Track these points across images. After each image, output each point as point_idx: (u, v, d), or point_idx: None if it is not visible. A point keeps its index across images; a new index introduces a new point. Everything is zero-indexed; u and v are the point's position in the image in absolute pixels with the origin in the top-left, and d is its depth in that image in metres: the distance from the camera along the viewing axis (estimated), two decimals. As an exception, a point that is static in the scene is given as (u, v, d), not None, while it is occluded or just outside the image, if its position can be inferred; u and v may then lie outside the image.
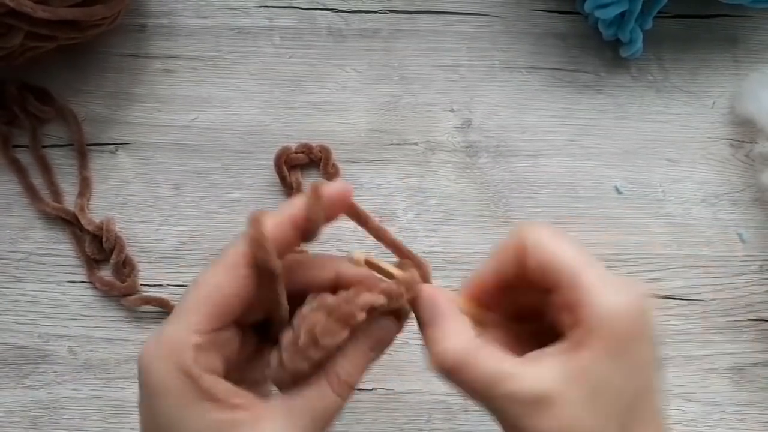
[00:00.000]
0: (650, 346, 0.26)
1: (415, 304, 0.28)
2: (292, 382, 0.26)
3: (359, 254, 0.27)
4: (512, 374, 0.25)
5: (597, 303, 0.25)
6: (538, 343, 0.27)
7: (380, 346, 0.27)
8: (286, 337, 0.25)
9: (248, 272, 0.25)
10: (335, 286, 0.28)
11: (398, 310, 0.28)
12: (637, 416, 0.26)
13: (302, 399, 0.26)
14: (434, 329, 0.27)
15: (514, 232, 0.28)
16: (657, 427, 0.26)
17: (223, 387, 0.26)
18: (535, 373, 0.25)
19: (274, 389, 0.28)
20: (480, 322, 0.29)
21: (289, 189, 0.44)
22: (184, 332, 0.25)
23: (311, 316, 0.25)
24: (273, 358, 0.26)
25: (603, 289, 0.25)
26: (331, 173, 0.45)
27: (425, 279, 0.29)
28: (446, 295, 0.28)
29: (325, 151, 0.45)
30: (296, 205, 0.26)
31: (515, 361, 0.26)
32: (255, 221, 0.25)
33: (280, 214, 0.26)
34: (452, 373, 0.26)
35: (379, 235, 0.29)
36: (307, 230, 0.26)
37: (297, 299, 0.27)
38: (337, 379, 0.26)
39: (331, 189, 0.26)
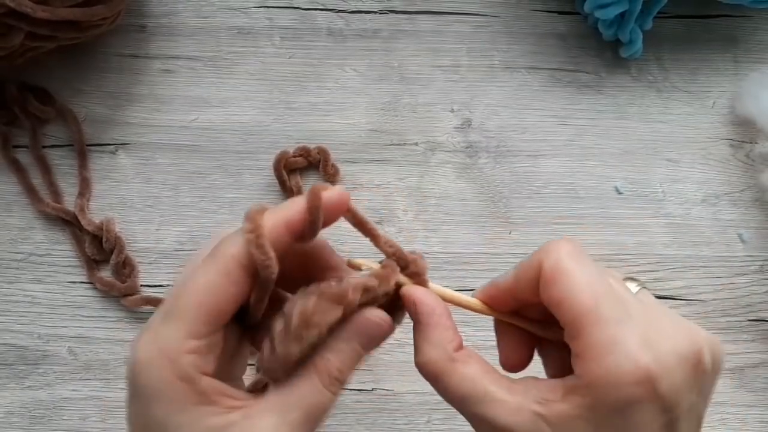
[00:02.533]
0: (653, 414, 0.24)
1: (407, 304, 0.28)
2: (284, 371, 0.26)
3: (356, 261, 0.27)
4: (492, 399, 0.26)
5: (594, 366, 0.24)
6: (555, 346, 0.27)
7: (371, 342, 0.27)
8: (278, 323, 0.25)
9: (243, 274, 0.25)
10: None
11: (392, 308, 0.28)
12: None
13: (293, 395, 0.26)
14: (419, 335, 0.28)
15: (536, 255, 0.27)
16: None
17: (219, 389, 0.25)
18: (514, 405, 0.25)
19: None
20: (496, 320, 0.29)
21: (289, 193, 0.44)
22: (181, 337, 0.25)
23: (304, 298, 0.25)
24: (265, 347, 0.26)
25: (606, 349, 0.24)
26: (330, 174, 0.45)
27: (422, 278, 0.29)
28: (437, 300, 0.28)
29: (323, 153, 0.45)
30: (294, 207, 0.25)
31: (499, 384, 0.26)
32: (253, 220, 0.25)
33: (276, 215, 0.25)
34: (431, 382, 0.27)
35: (377, 240, 0.28)
36: (302, 234, 0.26)
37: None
38: (328, 374, 0.26)
39: (329, 194, 0.26)
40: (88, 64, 0.47)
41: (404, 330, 0.43)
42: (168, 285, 0.44)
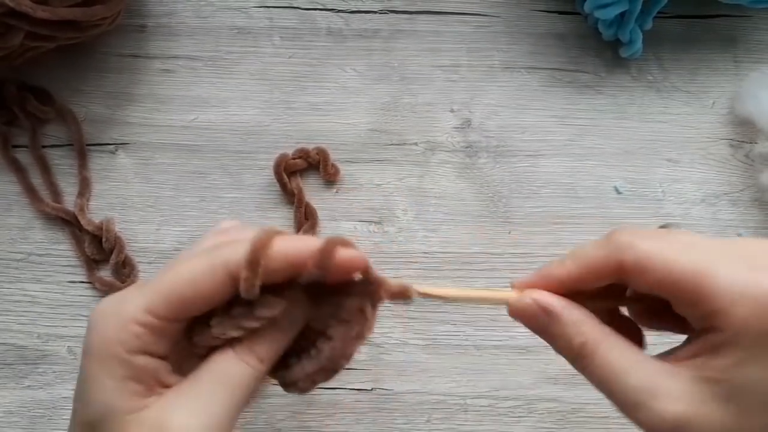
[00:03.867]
0: None
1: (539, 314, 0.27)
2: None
3: None
4: (653, 393, 0.24)
5: (737, 313, 0.23)
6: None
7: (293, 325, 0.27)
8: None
9: (226, 282, 0.25)
10: None
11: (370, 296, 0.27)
12: None
13: (207, 373, 0.26)
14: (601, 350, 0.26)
15: (604, 244, 0.26)
16: None
17: (155, 370, 0.25)
18: (674, 390, 0.24)
19: None
20: None
21: (290, 195, 0.44)
22: (139, 308, 0.25)
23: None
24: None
25: (739, 293, 0.23)
26: (330, 173, 0.45)
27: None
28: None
29: (322, 153, 0.45)
30: (306, 246, 0.25)
31: (647, 369, 0.25)
32: (261, 243, 0.24)
33: (286, 248, 0.25)
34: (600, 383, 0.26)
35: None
36: (302, 275, 0.25)
37: None
38: (246, 349, 0.26)
39: (346, 254, 0.25)
40: (87, 64, 0.47)
41: (404, 330, 0.43)
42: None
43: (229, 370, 0.25)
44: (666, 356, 0.26)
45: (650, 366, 0.25)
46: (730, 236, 0.45)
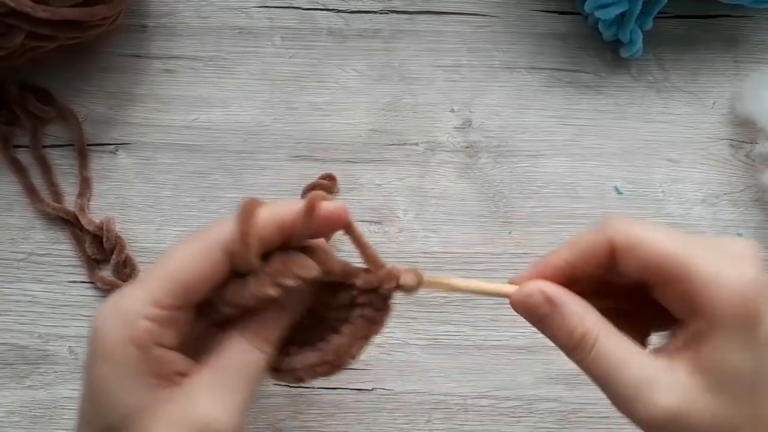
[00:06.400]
0: None
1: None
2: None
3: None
4: (650, 385, 0.25)
5: (716, 294, 0.24)
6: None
7: (293, 308, 0.27)
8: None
9: (222, 259, 0.25)
10: None
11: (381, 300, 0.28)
12: (766, 398, 0.25)
13: (224, 361, 0.26)
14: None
15: (598, 229, 0.27)
16: None
17: (172, 362, 0.26)
18: (671, 382, 0.25)
19: None
20: None
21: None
22: (144, 303, 0.25)
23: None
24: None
25: (719, 274, 0.24)
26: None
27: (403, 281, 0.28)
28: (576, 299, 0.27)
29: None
30: (290, 209, 0.26)
31: (645, 362, 0.25)
32: (246, 213, 0.25)
33: (271, 214, 0.25)
34: (599, 379, 0.26)
35: (369, 259, 0.28)
36: (293, 236, 0.26)
37: None
38: (255, 335, 0.26)
39: (328, 205, 0.26)
40: (88, 64, 0.47)
41: (405, 330, 0.43)
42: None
43: (245, 359, 0.26)
44: (659, 351, 0.27)
45: (647, 359, 0.26)
46: (731, 236, 0.45)
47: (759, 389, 0.25)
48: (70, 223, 0.44)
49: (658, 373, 0.25)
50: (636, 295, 0.28)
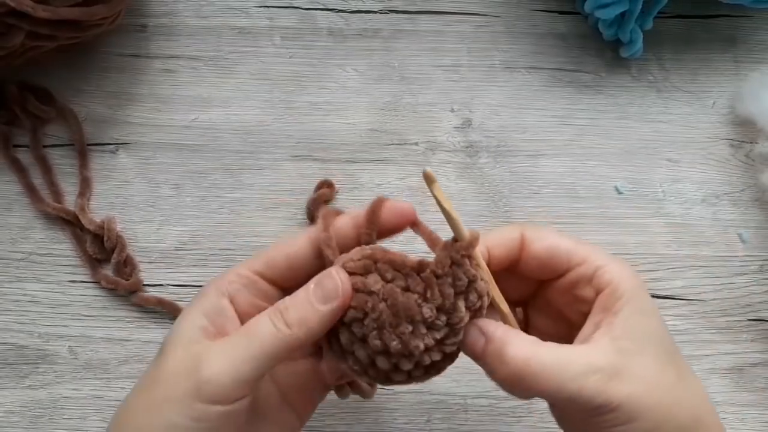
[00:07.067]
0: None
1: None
2: None
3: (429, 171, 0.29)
4: (577, 358, 0.27)
5: (612, 267, 0.29)
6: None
7: (324, 294, 0.28)
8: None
9: (307, 246, 0.29)
10: None
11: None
12: (677, 357, 0.29)
13: (244, 329, 0.28)
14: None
15: (508, 226, 0.31)
16: (687, 365, 0.30)
17: (226, 316, 0.29)
18: (597, 350, 0.28)
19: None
20: None
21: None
22: (241, 266, 0.30)
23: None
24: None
25: (610, 259, 0.30)
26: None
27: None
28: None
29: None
30: (361, 211, 0.29)
31: (570, 348, 0.28)
32: (328, 213, 0.30)
33: (348, 216, 0.30)
34: (521, 378, 0.28)
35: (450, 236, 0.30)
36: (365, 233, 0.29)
37: None
38: (276, 308, 0.28)
39: (392, 204, 0.29)
40: (88, 64, 0.47)
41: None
42: (169, 284, 0.44)
43: (258, 328, 0.28)
44: (582, 339, 0.29)
45: (571, 348, 0.28)
46: (731, 236, 0.45)
47: (672, 350, 0.29)
48: (70, 223, 0.44)
49: (589, 352, 0.28)
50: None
